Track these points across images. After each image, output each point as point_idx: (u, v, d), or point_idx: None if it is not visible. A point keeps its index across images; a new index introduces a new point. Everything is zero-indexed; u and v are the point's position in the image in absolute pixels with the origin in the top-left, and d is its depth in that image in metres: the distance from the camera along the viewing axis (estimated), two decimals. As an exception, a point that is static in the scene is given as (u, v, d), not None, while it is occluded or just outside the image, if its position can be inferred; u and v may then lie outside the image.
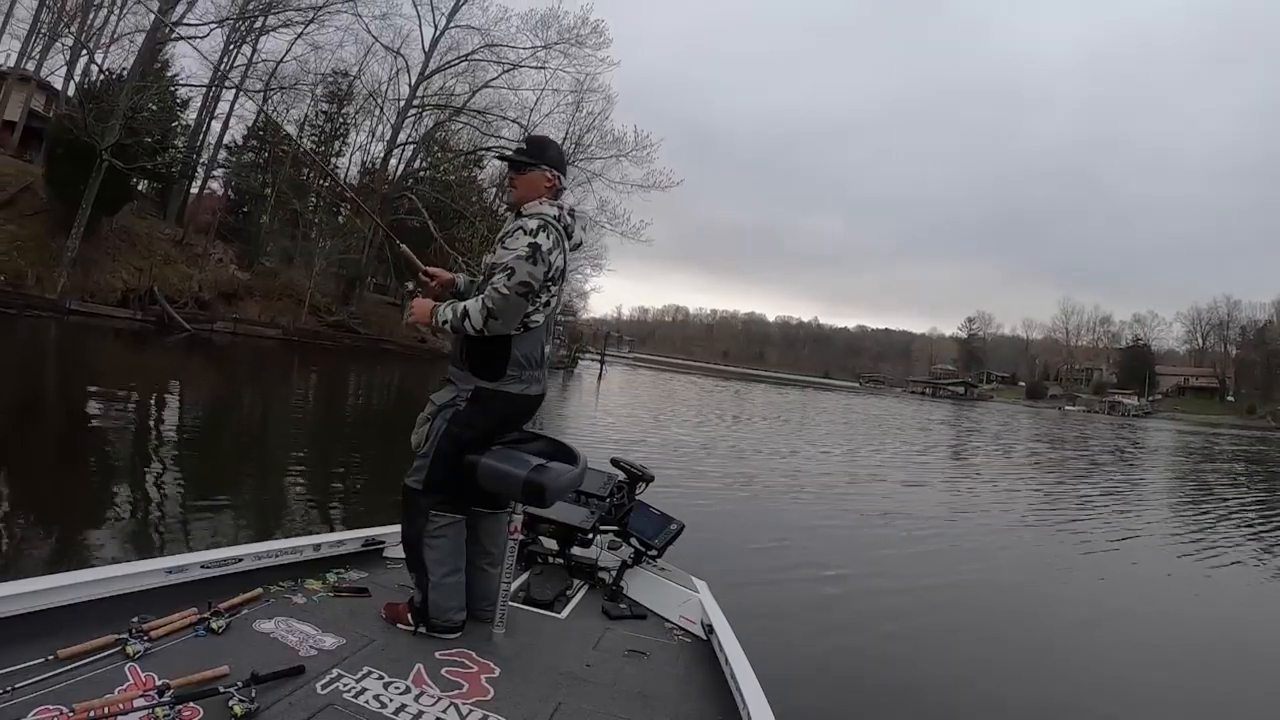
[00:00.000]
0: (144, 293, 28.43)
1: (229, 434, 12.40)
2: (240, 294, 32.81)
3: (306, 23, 34.82)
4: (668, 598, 3.78)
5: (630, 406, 28.51)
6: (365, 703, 2.39)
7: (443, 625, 3.02)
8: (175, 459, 9.43)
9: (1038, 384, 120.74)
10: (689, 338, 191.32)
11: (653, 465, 4.68)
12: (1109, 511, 14.31)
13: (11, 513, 6.37)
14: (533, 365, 3.07)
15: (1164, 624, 7.51)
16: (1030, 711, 4.97)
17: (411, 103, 39.94)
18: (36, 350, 19.41)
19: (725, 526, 9.18)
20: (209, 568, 3.07)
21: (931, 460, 21.30)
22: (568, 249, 3.15)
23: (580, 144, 45.56)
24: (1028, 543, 10.66)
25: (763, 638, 4.63)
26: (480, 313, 2.88)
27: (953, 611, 6.97)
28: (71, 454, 8.83)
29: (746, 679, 2.72)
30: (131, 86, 27.28)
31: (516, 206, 3.16)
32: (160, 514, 6.92)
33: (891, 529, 10.30)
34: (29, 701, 2.03)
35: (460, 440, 3.02)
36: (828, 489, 13.49)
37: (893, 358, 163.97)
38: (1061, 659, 5.86)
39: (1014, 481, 17.82)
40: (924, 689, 5.03)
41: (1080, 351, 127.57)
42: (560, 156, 3.27)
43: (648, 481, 4.44)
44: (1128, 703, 5.17)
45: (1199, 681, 5.86)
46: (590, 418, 22.58)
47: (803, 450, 19.92)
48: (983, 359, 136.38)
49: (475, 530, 3.19)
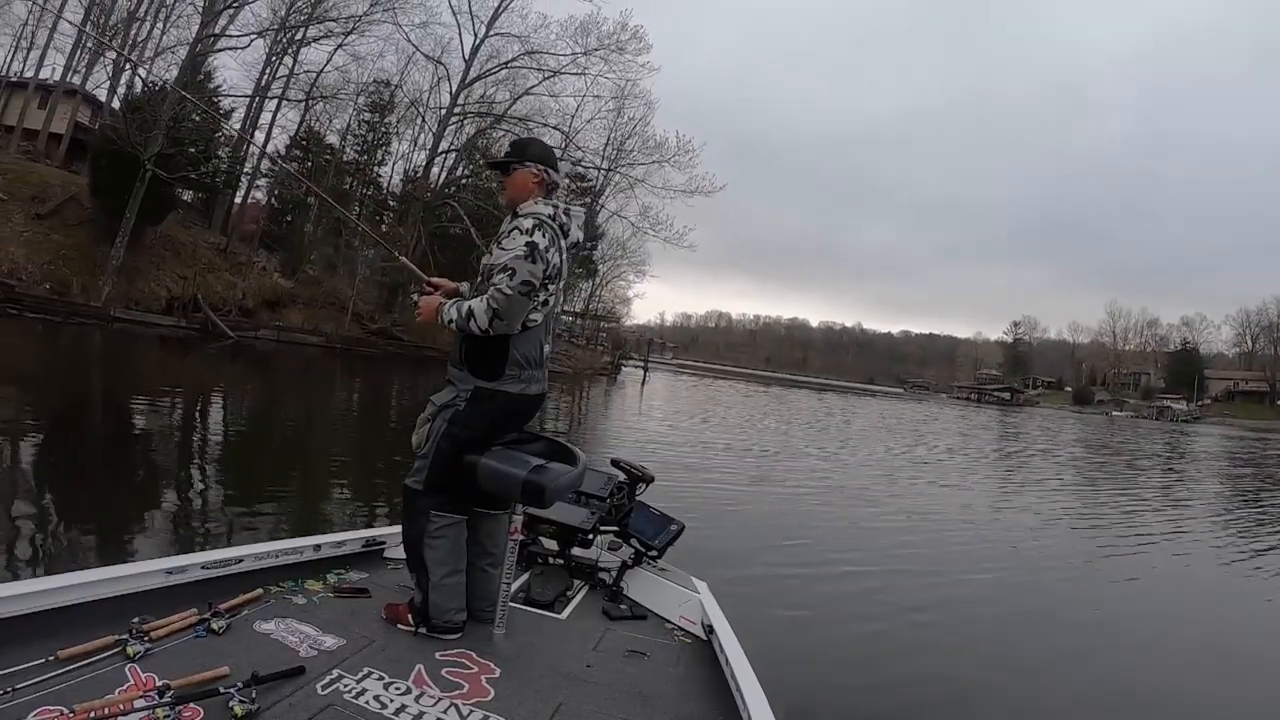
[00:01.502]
0: (188, 300, 28.29)
1: (271, 438, 12.29)
2: (283, 302, 32.51)
3: (346, 33, 34.58)
4: (668, 598, 3.74)
5: (674, 414, 27.58)
6: (365, 703, 2.37)
7: (443, 626, 3.00)
8: (217, 461, 9.53)
9: (1084, 389, 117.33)
10: (731, 344, 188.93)
11: (688, 467, 4.10)
12: (1144, 521, 13.24)
13: (59, 510, 6.38)
14: (532, 365, 3.05)
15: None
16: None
17: (453, 111, 39.37)
18: (82, 356, 19.22)
19: (742, 525, 9.23)
20: (209, 568, 3.03)
21: (964, 465, 20.09)
22: (564, 247, 3.10)
23: (622, 149, 45.17)
24: (1047, 548, 10.03)
25: (777, 634, 4.82)
26: (485, 313, 2.88)
27: (968, 613, 6.70)
28: (117, 455, 8.93)
29: (747, 679, 2.68)
30: (173, 98, 27.08)
31: (511, 208, 3.15)
32: (202, 514, 6.98)
33: (913, 533, 9.91)
34: (29, 702, 2.01)
35: (460, 440, 2.99)
36: (850, 492, 13.03)
37: (937, 363, 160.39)
38: (1076, 670, 5.48)
39: (1049, 490, 16.77)
40: (926, 690, 4.90)
41: (1127, 356, 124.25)
42: (545, 153, 3.23)
43: (648, 482, 4.40)
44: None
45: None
46: (633, 424, 22.10)
47: (832, 454, 19.22)
48: (1028, 364, 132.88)
49: (476, 531, 3.16)
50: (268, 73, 34.56)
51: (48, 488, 7.06)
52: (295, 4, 32.55)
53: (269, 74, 34.67)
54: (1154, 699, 5.25)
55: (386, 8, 34.45)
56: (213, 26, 29.98)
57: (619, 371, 54.93)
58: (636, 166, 44.28)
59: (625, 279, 61.82)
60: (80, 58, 32.53)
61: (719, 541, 7.81)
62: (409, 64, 39.64)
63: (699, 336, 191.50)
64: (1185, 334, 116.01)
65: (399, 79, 40.33)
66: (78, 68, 32.81)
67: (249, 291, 30.92)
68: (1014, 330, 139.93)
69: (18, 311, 22.41)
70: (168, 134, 26.22)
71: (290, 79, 35.60)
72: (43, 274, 24.37)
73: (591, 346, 60.33)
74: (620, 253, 57.07)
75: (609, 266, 59.04)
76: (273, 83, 34.67)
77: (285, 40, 34.39)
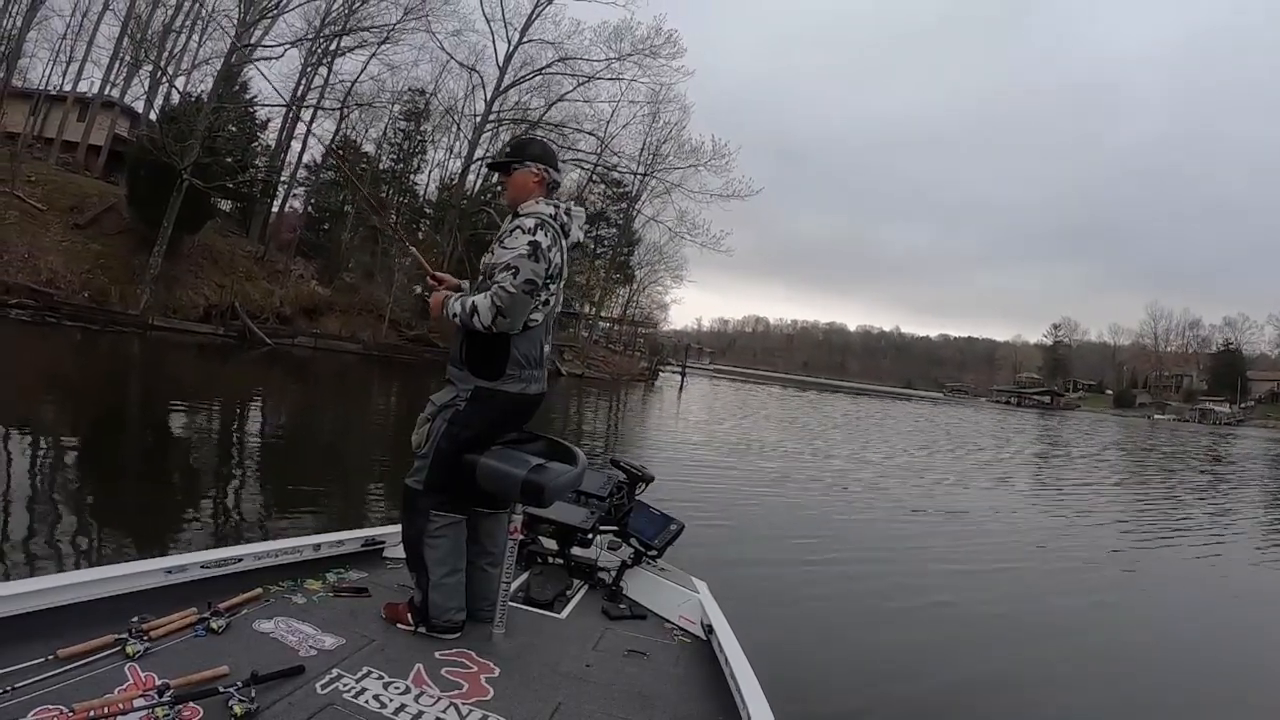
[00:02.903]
0: (226, 308, 27.96)
1: (306, 441, 12.35)
2: (321, 309, 32.06)
3: (380, 42, 34.14)
4: (668, 598, 3.70)
5: (711, 420, 26.93)
6: (365, 703, 2.34)
7: (443, 625, 2.96)
8: (252, 464, 9.61)
9: (1125, 392, 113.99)
10: (769, 348, 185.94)
11: (722, 471, 4.26)
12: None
13: (97, 508, 6.37)
14: (532, 364, 3.03)
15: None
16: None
17: (488, 118, 38.91)
18: (120, 363, 19.16)
19: (752, 523, 9.21)
20: (209, 568, 3.02)
21: (990, 469, 19.27)
22: (565, 247, 3.09)
23: (658, 154, 44.72)
24: (1067, 552, 9.58)
25: (782, 632, 4.92)
26: (489, 310, 2.85)
27: (974, 614, 6.55)
28: (154, 457, 9.12)
29: (746, 679, 2.65)
30: (209, 108, 26.97)
31: (512, 207, 3.12)
32: (238, 514, 7.02)
33: (927, 536, 9.75)
34: (29, 701, 2.00)
35: (460, 440, 2.96)
36: (857, 492, 12.74)
37: (976, 366, 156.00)
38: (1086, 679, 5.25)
39: (1083, 497, 15.77)
40: (927, 692, 4.79)
41: (1169, 358, 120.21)
42: (545, 152, 3.20)
43: (647, 482, 4.37)
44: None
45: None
46: (672, 429, 21.66)
47: (858, 454, 18.97)
48: (1068, 367, 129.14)
49: (475, 530, 3.14)
50: (303, 83, 34.34)
51: (86, 486, 7.08)
52: (330, 14, 32.52)
53: (304, 84, 34.45)
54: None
55: (420, 15, 34.18)
56: (248, 37, 29.82)
57: (656, 377, 53.95)
58: (673, 171, 44.00)
59: (662, 284, 61.29)
60: (118, 71, 32.57)
61: (735, 542, 7.88)
62: (443, 72, 39.34)
63: (736, 341, 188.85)
64: (1228, 335, 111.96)
65: (434, 87, 40.06)
66: (115, 80, 32.85)
67: (286, 299, 30.55)
68: (1054, 333, 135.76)
69: (56, 320, 22.34)
70: (203, 144, 25.96)
71: (325, 89, 35.33)
72: (81, 283, 24.07)
73: (629, 352, 59.55)
74: (657, 258, 56.60)
75: (646, 272, 58.47)
76: (308, 93, 34.39)
77: (320, 51, 34.13)
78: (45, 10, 30.36)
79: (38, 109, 31.10)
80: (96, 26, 32.42)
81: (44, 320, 21.98)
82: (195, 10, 32.68)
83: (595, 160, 42.90)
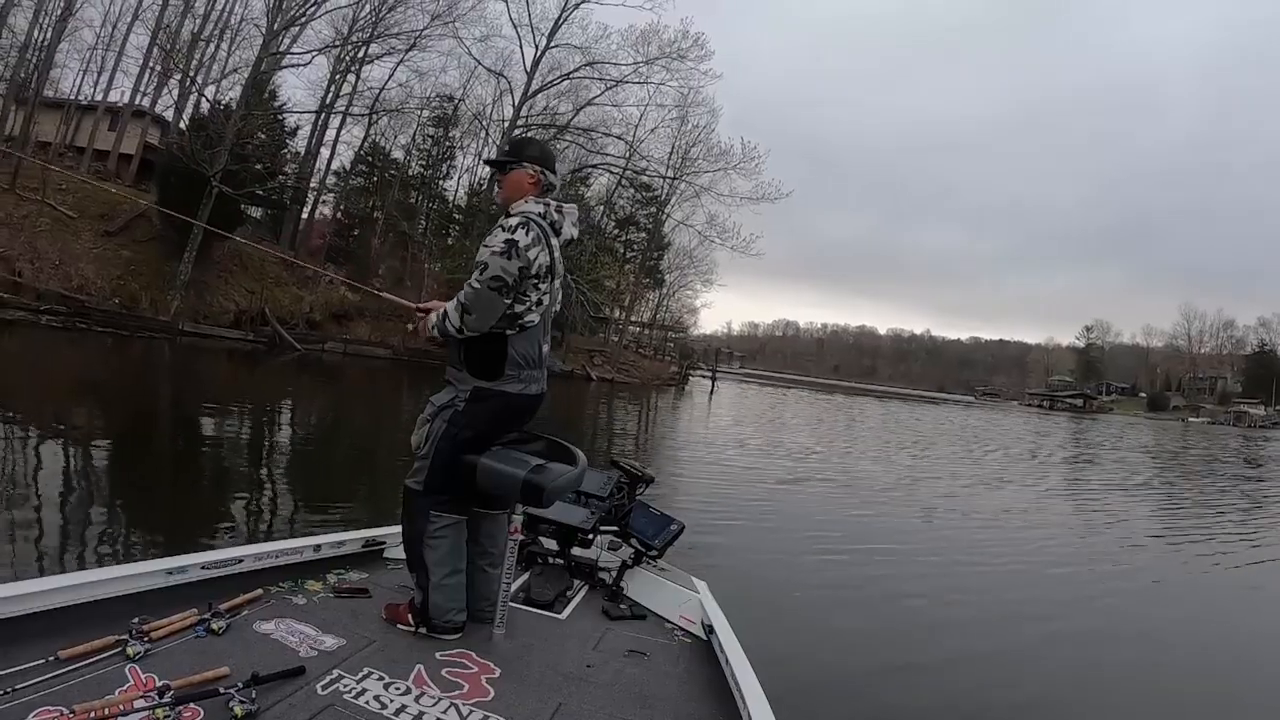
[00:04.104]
0: (255, 314, 27.63)
1: (341, 444, 12.33)
2: (350, 315, 31.59)
3: (408, 48, 33.82)
4: (668, 598, 3.64)
5: (742, 425, 26.46)
6: (365, 703, 2.32)
7: (443, 626, 2.93)
8: (279, 466, 9.70)
9: (1159, 395, 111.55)
10: (799, 353, 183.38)
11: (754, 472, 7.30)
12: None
13: (128, 508, 6.44)
14: (531, 365, 2.99)
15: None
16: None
17: (516, 123, 38.25)
18: (151, 368, 19.24)
19: (772, 523, 9.28)
20: (209, 569, 2.98)
21: (1012, 470, 18.92)
22: (556, 245, 3.04)
23: (687, 158, 44.12)
24: (1078, 553, 9.50)
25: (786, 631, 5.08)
26: (456, 310, 2.85)
27: (978, 617, 6.41)
28: (183, 459, 9.19)
29: (746, 679, 2.64)
30: (237, 115, 26.70)
31: (505, 206, 3.09)
32: (270, 515, 7.08)
33: (937, 538, 9.64)
34: (30, 702, 1.98)
35: (460, 441, 2.92)
36: (869, 493, 12.68)
37: (1007, 369, 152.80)
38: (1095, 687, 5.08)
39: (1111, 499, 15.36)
40: (928, 692, 4.71)
41: (1203, 359, 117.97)
42: (543, 154, 3.15)
43: (648, 482, 4.35)
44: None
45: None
46: (702, 434, 21.32)
47: (888, 458, 18.84)
48: (1101, 369, 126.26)
49: (475, 531, 3.10)
50: (332, 90, 34.07)
51: (110, 489, 7.10)
52: (357, 22, 32.24)
53: (333, 91, 34.18)
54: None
55: (447, 21, 33.80)
56: (276, 45, 29.62)
57: (687, 382, 53.37)
58: (702, 174, 43.29)
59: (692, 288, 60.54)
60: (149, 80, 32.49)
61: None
62: (471, 78, 38.97)
63: (766, 345, 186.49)
64: (1263, 335, 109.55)
65: (462, 93, 39.63)
66: (145, 90, 32.77)
67: (316, 305, 30.18)
68: (1086, 335, 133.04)
69: (86, 325, 22.07)
70: (232, 151, 25.68)
71: (354, 96, 35.04)
72: (112, 289, 23.80)
73: (659, 357, 58.85)
74: (687, 262, 55.79)
75: (676, 276, 57.76)
76: (337, 99, 34.13)
77: (348, 59, 33.86)
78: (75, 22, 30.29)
79: (69, 118, 31.01)
80: (126, 37, 32.35)
81: (74, 326, 21.69)
82: (224, 19, 32.59)
83: (624, 164, 42.37)
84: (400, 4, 32.12)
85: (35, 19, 28.70)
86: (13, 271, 21.75)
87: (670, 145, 44.39)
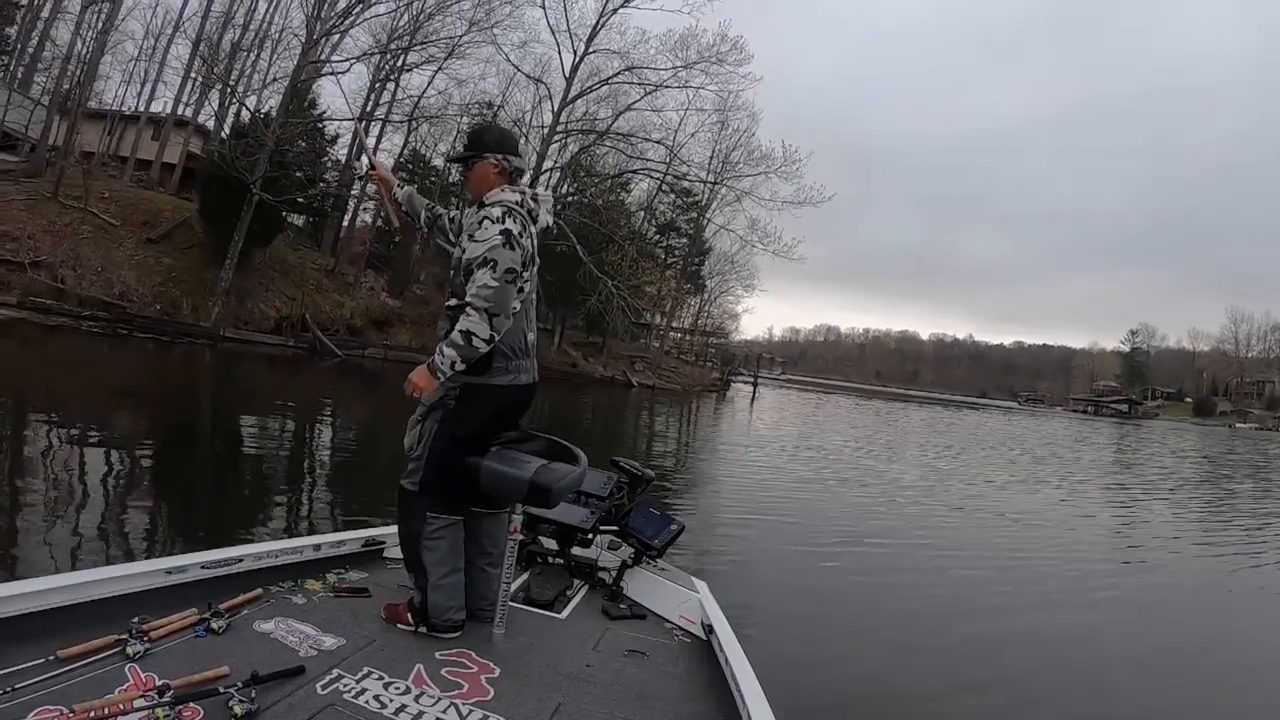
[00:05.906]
0: (296, 320, 27.13)
1: (383, 447, 11.82)
2: (391, 321, 31.08)
3: (447, 55, 33.30)
4: (668, 598, 3.59)
5: (786, 432, 25.65)
6: (365, 703, 2.29)
7: (443, 625, 2.89)
8: (320, 468, 9.74)
9: (1205, 400, 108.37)
10: (840, 358, 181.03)
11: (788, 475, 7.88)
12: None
13: (172, 507, 6.52)
14: (519, 354, 2.90)
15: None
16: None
17: (555, 129, 37.65)
18: (192, 373, 19.02)
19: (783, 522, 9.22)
20: (209, 568, 2.95)
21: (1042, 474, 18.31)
22: (534, 233, 2.94)
23: (728, 162, 43.24)
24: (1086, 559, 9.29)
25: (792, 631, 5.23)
26: (480, 319, 2.67)
27: (982, 618, 6.33)
28: (225, 460, 9.20)
29: (746, 679, 2.61)
30: (277, 123, 26.38)
31: (476, 200, 2.96)
32: (308, 514, 7.04)
33: (953, 539, 9.52)
34: (29, 702, 1.96)
35: (454, 439, 2.86)
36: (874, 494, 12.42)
37: (1051, 374, 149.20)
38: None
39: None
40: (928, 693, 4.62)
41: (1250, 363, 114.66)
42: (503, 139, 3.00)
43: (648, 482, 4.24)
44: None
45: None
46: (744, 442, 20.72)
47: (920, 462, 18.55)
48: (1146, 374, 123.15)
49: (475, 530, 3.04)
50: (371, 98, 33.73)
51: (144, 490, 7.13)
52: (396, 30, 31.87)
53: (373, 99, 33.83)
54: None
55: (485, 28, 33.27)
56: (315, 54, 29.33)
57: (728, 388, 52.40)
58: (743, 179, 42.19)
59: (734, 294, 59.60)
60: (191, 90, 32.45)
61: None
62: (510, 84, 38.32)
63: (808, 350, 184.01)
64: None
65: (501, 99, 38.99)
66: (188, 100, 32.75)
67: (356, 311, 29.65)
68: (1131, 339, 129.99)
69: (127, 331, 21.76)
70: (271, 159, 25.30)
71: (393, 103, 34.69)
72: (153, 296, 23.37)
73: (700, 363, 57.88)
74: (728, 267, 54.86)
75: (717, 281, 56.83)
76: (376, 108, 33.79)
77: (388, 68, 33.47)
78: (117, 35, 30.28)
79: (113, 129, 30.99)
80: (168, 49, 32.36)
81: (115, 332, 21.39)
82: (264, 29, 32.41)
83: (664, 169, 41.58)
84: (439, 12, 31.80)
85: (76, 31, 28.66)
86: (55, 278, 21.44)
87: (711, 149, 43.72)
